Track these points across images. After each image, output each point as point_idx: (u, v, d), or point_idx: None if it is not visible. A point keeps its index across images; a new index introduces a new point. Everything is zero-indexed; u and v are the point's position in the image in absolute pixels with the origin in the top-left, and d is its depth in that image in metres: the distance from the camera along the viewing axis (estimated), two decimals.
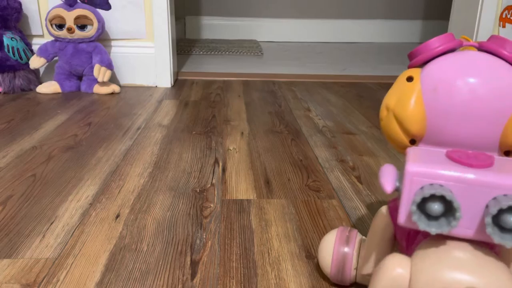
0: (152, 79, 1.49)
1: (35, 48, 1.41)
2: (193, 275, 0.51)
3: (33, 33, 1.45)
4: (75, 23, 1.32)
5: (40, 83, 1.42)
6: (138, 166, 0.82)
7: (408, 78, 0.40)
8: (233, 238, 0.59)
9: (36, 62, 1.35)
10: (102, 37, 1.44)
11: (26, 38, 1.40)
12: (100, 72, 1.33)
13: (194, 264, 0.53)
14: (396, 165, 0.85)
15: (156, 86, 1.49)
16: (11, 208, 0.66)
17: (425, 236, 0.38)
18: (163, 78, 1.49)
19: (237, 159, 0.86)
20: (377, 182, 0.77)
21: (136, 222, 0.63)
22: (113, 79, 1.48)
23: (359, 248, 0.47)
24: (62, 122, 1.08)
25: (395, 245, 0.44)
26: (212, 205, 0.68)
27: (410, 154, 0.37)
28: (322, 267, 0.48)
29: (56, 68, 1.38)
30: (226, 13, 2.72)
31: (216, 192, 0.72)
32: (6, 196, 0.70)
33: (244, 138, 0.99)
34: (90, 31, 1.34)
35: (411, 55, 0.41)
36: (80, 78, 1.41)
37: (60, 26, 1.33)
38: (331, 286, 0.50)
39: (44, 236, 0.59)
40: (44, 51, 1.35)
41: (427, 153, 0.37)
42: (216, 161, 0.85)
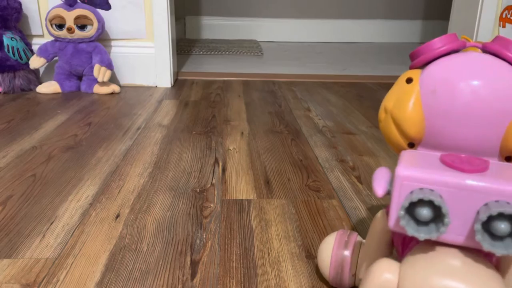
0: (152, 79, 1.49)
1: (35, 48, 1.41)
2: (193, 275, 0.51)
3: (33, 33, 1.45)
4: (75, 23, 1.32)
5: (40, 83, 1.42)
6: (138, 166, 0.82)
7: (407, 79, 0.39)
8: (233, 238, 0.59)
9: (36, 62, 1.35)
10: (102, 37, 1.44)
11: (26, 38, 1.40)
12: (100, 72, 1.33)
13: (194, 264, 0.53)
14: (395, 165, 0.85)
15: (156, 86, 1.49)
16: (11, 208, 0.66)
17: (418, 242, 0.38)
18: (163, 78, 1.49)
19: (237, 159, 0.86)
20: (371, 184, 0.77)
21: (136, 222, 0.63)
22: (113, 79, 1.48)
23: (358, 252, 0.47)
24: (62, 122, 1.08)
25: (393, 250, 0.44)
26: (212, 205, 0.68)
27: (403, 157, 0.36)
28: (321, 270, 0.48)
29: (56, 68, 1.38)
30: (226, 13, 2.72)
31: (216, 192, 0.72)
32: (6, 196, 0.70)
33: (244, 138, 0.99)
34: (90, 31, 1.34)
35: (413, 56, 0.40)
36: (80, 78, 1.41)
37: (60, 26, 1.33)
38: (331, 287, 0.50)
39: (44, 236, 0.59)
40: (44, 51, 1.35)
41: (420, 156, 0.37)
42: (216, 161, 0.85)
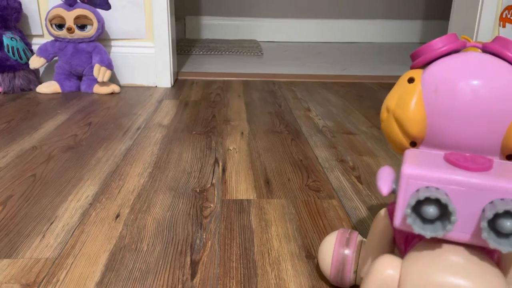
0: (152, 79, 1.49)
1: (35, 48, 1.41)
2: (193, 275, 0.51)
3: (33, 33, 1.45)
4: (75, 23, 1.32)
5: (40, 83, 1.42)
6: (138, 166, 0.82)
7: (409, 79, 0.39)
8: (233, 238, 0.59)
9: (36, 62, 1.35)
10: (102, 37, 1.44)
11: (26, 38, 1.40)
12: (100, 72, 1.33)
13: (194, 264, 0.53)
14: (396, 165, 0.85)
15: (156, 86, 1.49)
16: (11, 208, 0.66)
17: (421, 239, 0.38)
18: (163, 78, 1.49)
19: (237, 159, 0.86)
20: (376, 183, 0.77)
21: (136, 222, 0.63)
22: (113, 79, 1.47)
23: (359, 251, 0.47)
24: (62, 122, 1.08)
25: (395, 248, 0.44)
26: (212, 205, 0.68)
27: (407, 156, 0.37)
28: (322, 269, 0.48)
29: (56, 68, 1.38)
30: (226, 13, 2.72)
31: (216, 192, 0.72)
32: (6, 196, 0.70)
33: (244, 138, 0.99)
34: (90, 31, 1.34)
35: (414, 56, 0.41)
36: (80, 78, 1.41)
37: (60, 26, 1.33)
38: (331, 287, 0.50)
39: (44, 236, 0.59)
40: (44, 51, 1.35)
41: (424, 155, 0.37)
42: (216, 161, 0.85)
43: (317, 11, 2.74)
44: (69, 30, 1.32)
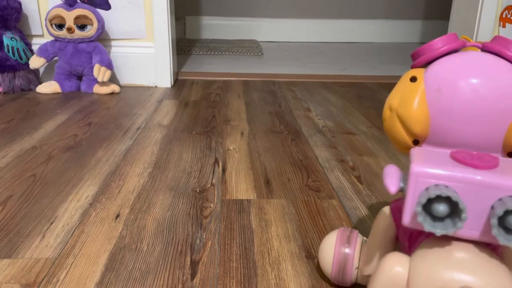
0: (152, 79, 1.49)
1: (35, 48, 1.41)
2: (193, 275, 0.51)
3: (33, 33, 1.45)
4: (75, 23, 1.32)
5: (40, 83, 1.42)
6: (138, 166, 0.82)
7: (411, 78, 0.40)
8: (233, 238, 0.59)
9: (36, 62, 1.35)
10: (102, 37, 1.44)
11: (26, 38, 1.40)
12: (100, 72, 1.33)
13: (194, 264, 0.53)
14: (396, 165, 0.85)
15: (156, 86, 1.49)
16: (11, 208, 0.66)
17: (427, 237, 0.38)
18: (163, 78, 1.49)
19: (237, 159, 0.86)
20: (377, 182, 0.77)
21: (136, 222, 0.63)
22: (113, 79, 1.47)
23: (360, 249, 0.47)
24: (62, 122, 1.08)
25: (397, 246, 0.44)
26: (212, 205, 0.68)
27: (415, 155, 0.37)
28: (322, 268, 0.48)
29: (56, 68, 1.38)
30: (226, 13, 2.72)
31: (216, 192, 0.72)
32: (6, 196, 0.70)
33: (244, 138, 0.99)
34: (90, 31, 1.34)
35: (414, 55, 0.41)
36: (80, 78, 1.41)
37: (60, 26, 1.33)
38: (331, 287, 0.50)
39: (44, 236, 0.59)
40: (44, 51, 1.35)
41: (431, 153, 0.37)
42: (216, 161, 0.85)
43: (317, 11, 2.74)
44: (69, 30, 1.32)
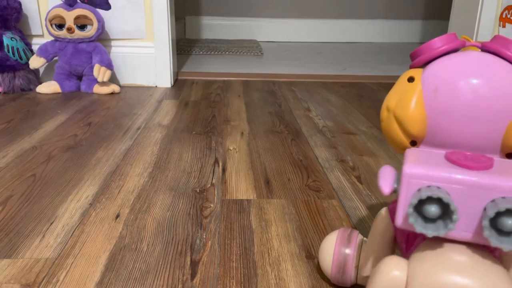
0: (152, 79, 1.49)
1: (35, 48, 1.41)
2: (193, 275, 0.51)
3: (33, 33, 1.45)
4: (75, 23, 1.32)
5: (40, 83, 1.42)
6: (138, 166, 0.82)
7: (409, 78, 0.39)
8: (233, 238, 0.59)
9: (36, 62, 1.35)
10: (102, 37, 1.44)
11: (26, 38, 1.40)
12: (100, 72, 1.33)
13: (194, 264, 0.53)
14: (396, 165, 0.85)
15: (156, 86, 1.49)
16: (11, 208, 0.66)
17: (424, 239, 0.38)
18: (163, 78, 1.49)
19: (237, 159, 0.86)
20: (377, 182, 0.77)
21: (136, 222, 0.63)
22: (113, 79, 1.47)
23: (360, 249, 0.47)
24: (62, 122, 1.08)
25: (396, 247, 0.44)
26: (212, 205, 0.68)
27: (409, 156, 0.37)
28: (322, 268, 0.48)
29: (56, 68, 1.38)
30: (226, 13, 2.72)
31: (216, 192, 0.72)
32: (6, 196, 0.70)
33: (244, 138, 0.99)
34: (90, 31, 1.34)
35: (413, 55, 0.41)
36: (80, 78, 1.41)
37: (60, 26, 1.33)
38: (331, 287, 0.50)
39: (44, 236, 0.59)
40: (44, 51, 1.35)
41: (425, 154, 0.37)
42: (216, 161, 0.85)
43: (317, 11, 2.74)
44: (69, 30, 1.32)
